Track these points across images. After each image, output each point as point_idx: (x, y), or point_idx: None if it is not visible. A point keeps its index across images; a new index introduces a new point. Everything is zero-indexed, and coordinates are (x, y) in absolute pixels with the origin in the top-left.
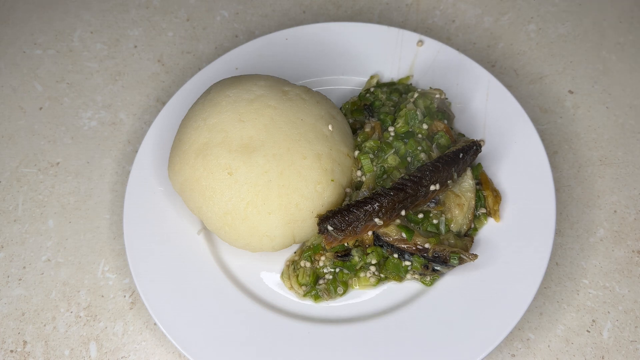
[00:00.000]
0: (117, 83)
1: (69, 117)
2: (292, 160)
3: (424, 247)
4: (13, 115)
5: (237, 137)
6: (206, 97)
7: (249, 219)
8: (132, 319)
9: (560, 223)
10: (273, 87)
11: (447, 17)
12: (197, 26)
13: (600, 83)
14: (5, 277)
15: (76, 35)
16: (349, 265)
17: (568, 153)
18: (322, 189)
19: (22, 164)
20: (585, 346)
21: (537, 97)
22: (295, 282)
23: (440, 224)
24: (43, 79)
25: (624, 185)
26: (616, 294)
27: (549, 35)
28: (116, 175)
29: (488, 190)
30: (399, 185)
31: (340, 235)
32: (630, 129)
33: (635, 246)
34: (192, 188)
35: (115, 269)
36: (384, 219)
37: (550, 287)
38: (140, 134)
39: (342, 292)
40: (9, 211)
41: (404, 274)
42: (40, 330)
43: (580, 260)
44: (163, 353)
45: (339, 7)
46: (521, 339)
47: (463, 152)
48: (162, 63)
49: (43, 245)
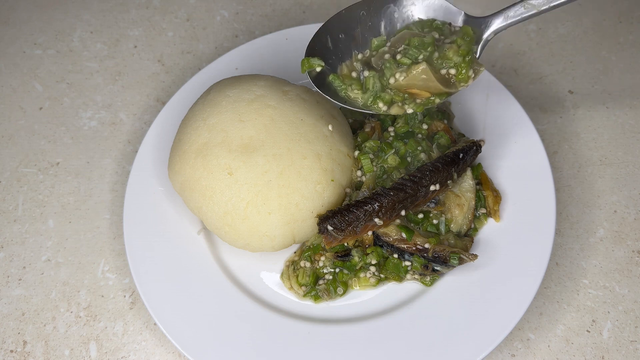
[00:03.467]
0: (117, 83)
1: (69, 117)
2: (292, 160)
3: (423, 247)
4: (13, 115)
5: (237, 137)
6: (206, 97)
7: (249, 219)
8: (132, 319)
9: (560, 223)
10: (273, 87)
11: None
12: (197, 26)
13: (600, 83)
14: (5, 277)
15: (76, 35)
16: (348, 265)
17: (568, 153)
18: (322, 189)
19: (22, 164)
20: (585, 346)
21: (537, 97)
22: (295, 283)
23: (440, 224)
24: (43, 79)
25: (624, 185)
26: (616, 294)
27: (549, 35)
28: (116, 175)
29: (488, 191)
30: (399, 186)
31: (340, 235)
32: (630, 129)
33: (635, 246)
34: (192, 188)
35: (115, 269)
36: (384, 219)
37: (550, 287)
38: (140, 134)
39: (342, 292)
40: (9, 211)
41: (404, 274)
42: (40, 330)
43: (580, 260)
44: (163, 353)
45: (339, 7)
46: (521, 339)
47: (463, 153)
48: (162, 63)
49: (43, 245)
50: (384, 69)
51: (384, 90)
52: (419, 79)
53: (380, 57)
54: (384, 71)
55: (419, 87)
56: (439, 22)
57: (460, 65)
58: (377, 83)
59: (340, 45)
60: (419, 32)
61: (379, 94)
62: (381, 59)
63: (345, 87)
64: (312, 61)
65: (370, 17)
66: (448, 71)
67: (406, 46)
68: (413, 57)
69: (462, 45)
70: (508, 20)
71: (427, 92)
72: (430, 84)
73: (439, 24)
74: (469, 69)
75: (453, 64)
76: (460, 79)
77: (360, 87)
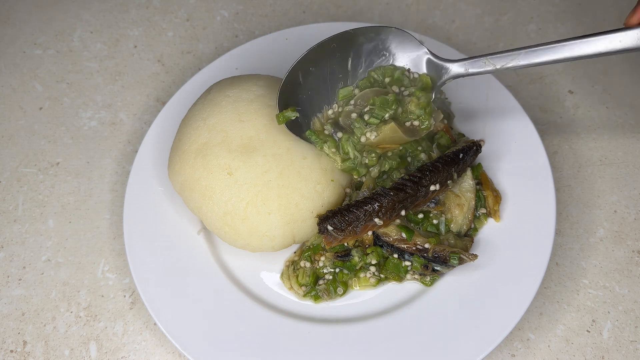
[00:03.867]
0: (117, 83)
1: (69, 117)
2: (292, 160)
3: (423, 247)
4: (13, 115)
5: (236, 137)
6: (206, 97)
7: (249, 219)
8: (132, 319)
9: (560, 223)
10: (273, 87)
11: (447, 17)
12: (197, 26)
13: (600, 83)
14: (5, 277)
15: (76, 35)
16: (348, 265)
17: (568, 153)
18: (322, 189)
19: (22, 164)
20: (585, 346)
21: (537, 97)
22: (295, 283)
23: (440, 224)
24: (43, 79)
25: (624, 185)
26: (616, 294)
27: (549, 35)
28: (116, 175)
29: (488, 191)
30: (399, 186)
31: (340, 235)
32: (630, 129)
33: (635, 246)
34: (192, 188)
35: (115, 269)
36: (384, 219)
37: (550, 287)
38: (140, 134)
39: (342, 292)
40: (9, 211)
41: (404, 274)
42: (40, 330)
43: (580, 260)
44: (163, 353)
45: (339, 7)
46: (521, 339)
47: (463, 153)
48: (162, 63)
49: (43, 245)
50: (353, 129)
51: (361, 164)
52: (388, 136)
53: (347, 115)
54: (353, 131)
55: (388, 142)
56: (398, 72)
57: (422, 117)
58: (357, 157)
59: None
60: (380, 89)
61: (358, 168)
62: (348, 118)
63: (321, 143)
64: (287, 114)
65: (340, 50)
66: (412, 123)
67: (371, 106)
68: (380, 116)
69: (421, 98)
70: (468, 71)
71: (395, 144)
72: (397, 138)
73: (399, 75)
74: (430, 118)
75: (416, 117)
76: (423, 128)
77: (335, 146)
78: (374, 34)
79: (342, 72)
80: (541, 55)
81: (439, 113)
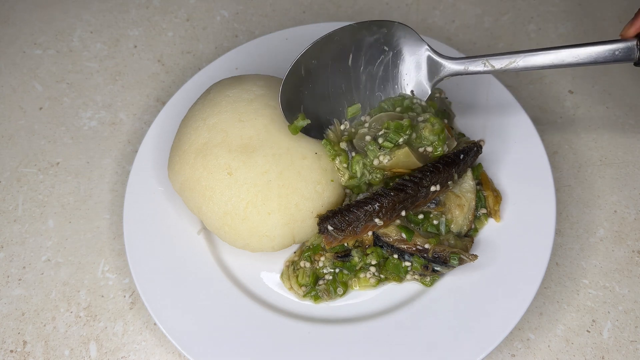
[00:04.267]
0: (117, 83)
1: (69, 117)
2: (292, 160)
3: (423, 248)
4: (13, 115)
5: (236, 137)
6: (206, 97)
7: (249, 219)
8: (132, 319)
9: (560, 223)
10: (273, 87)
11: (447, 17)
12: (197, 26)
13: (600, 83)
14: (5, 277)
15: (76, 35)
16: (348, 265)
17: (568, 153)
18: (322, 189)
19: (22, 164)
20: (585, 346)
21: (537, 97)
22: (295, 283)
23: (441, 224)
24: (43, 79)
25: (624, 185)
26: (616, 294)
27: (549, 35)
28: (116, 175)
29: (488, 191)
30: (399, 186)
31: (340, 235)
32: (630, 129)
33: (635, 246)
34: (192, 188)
35: (115, 269)
36: (384, 219)
37: (550, 287)
38: (140, 134)
39: (341, 292)
40: (9, 211)
41: (404, 274)
42: (40, 330)
43: (580, 260)
44: (163, 353)
45: (339, 7)
46: (521, 339)
47: (463, 154)
48: (162, 63)
49: (43, 245)
50: (367, 151)
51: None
52: (401, 161)
53: (361, 138)
54: (367, 153)
55: (400, 166)
56: (407, 102)
57: (436, 144)
58: (365, 176)
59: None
60: (395, 113)
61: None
62: (362, 140)
63: (333, 155)
64: (298, 123)
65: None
66: (425, 149)
67: (386, 130)
68: (394, 140)
69: (436, 124)
70: (467, 69)
71: (407, 169)
72: (410, 162)
73: (408, 104)
74: (444, 144)
75: (429, 142)
76: (436, 155)
77: (346, 162)
78: (377, 27)
79: (343, 67)
80: (539, 59)
81: (452, 140)
